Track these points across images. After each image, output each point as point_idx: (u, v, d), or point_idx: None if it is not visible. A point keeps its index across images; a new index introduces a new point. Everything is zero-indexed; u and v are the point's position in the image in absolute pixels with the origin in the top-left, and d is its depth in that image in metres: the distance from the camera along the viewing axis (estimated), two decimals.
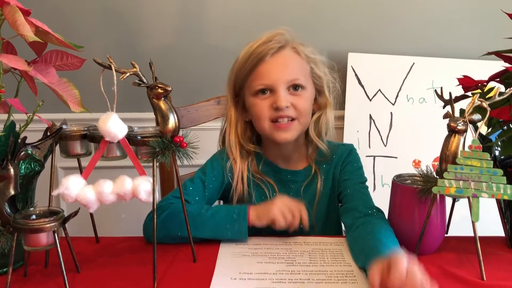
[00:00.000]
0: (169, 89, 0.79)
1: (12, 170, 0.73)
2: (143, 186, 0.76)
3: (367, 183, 1.09)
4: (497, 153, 0.91)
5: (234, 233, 0.92)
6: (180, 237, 0.91)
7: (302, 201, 1.02)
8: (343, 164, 1.11)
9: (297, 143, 1.10)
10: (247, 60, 1.03)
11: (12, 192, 0.73)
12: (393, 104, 1.71)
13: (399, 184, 0.90)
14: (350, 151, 1.13)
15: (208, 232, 0.93)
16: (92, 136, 0.80)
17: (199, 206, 0.98)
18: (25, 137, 0.76)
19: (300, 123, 1.04)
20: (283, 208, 0.93)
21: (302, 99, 1.03)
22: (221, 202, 1.19)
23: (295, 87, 1.02)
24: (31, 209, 0.76)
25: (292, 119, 1.03)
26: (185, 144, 0.80)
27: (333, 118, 1.11)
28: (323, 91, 1.09)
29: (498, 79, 0.90)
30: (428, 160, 1.67)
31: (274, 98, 1.01)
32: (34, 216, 0.74)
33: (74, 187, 0.75)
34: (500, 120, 0.87)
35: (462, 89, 0.93)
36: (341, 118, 1.69)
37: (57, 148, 0.83)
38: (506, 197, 0.80)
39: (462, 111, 0.89)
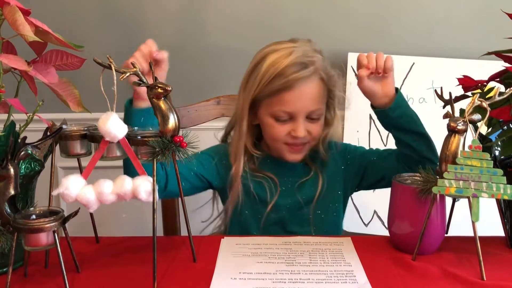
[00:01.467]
0: (169, 89, 0.78)
1: (12, 170, 0.73)
2: (143, 186, 0.76)
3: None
4: (497, 153, 0.91)
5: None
6: None
7: (298, 194, 1.10)
8: (348, 161, 1.14)
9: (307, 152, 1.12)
10: (275, 78, 1.00)
11: (12, 192, 0.73)
12: None
13: (399, 184, 0.90)
14: (346, 147, 1.17)
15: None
16: (92, 136, 0.80)
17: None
18: (25, 137, 0.76)
19: (310, 145, 1.08)
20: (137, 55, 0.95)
21: (318, 125, 1.06)
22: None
23: (314, 114, 1.04)
24: (31, 209, 0.76)
25: (305, 143, 1.06)
26: (185, 144, 0.80)
27: (341, 130, 1.15)
28: (333, 107, 1.10)
29: (498, 79, 0.90)
30: None
31: (292, 126, 1.03)
32: (34, 216, 0.74)
33: (74, 187, 0.75)
34: (500, 120, 0.87)
35: (462, 89, 0.93)
36: (341, 118, 1.69)
37: (57, 148, 0.83)
38: (506, 197, 0.80)
39: (462, 111, 0.89)
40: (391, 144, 1.69)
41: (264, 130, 1.08)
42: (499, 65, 0.88)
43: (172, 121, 0.79)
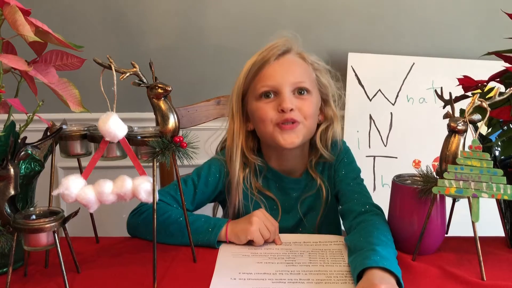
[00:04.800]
0: (169, 89, 0.79)
1: (12, 170, 0.73)
2: (143, 186, 0.76)
3: (365, 182, 1.09)
4: (497, 153, 0.91)
5: (204, 244, 0.92)
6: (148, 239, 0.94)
7: (300, 209, 1.07)
8: (335, 164, 1.09)
9: (302, 152, 1.08)
10: (252, 66, 1.02)
11: (12, 192, 0.73)
12: (393, 104, 1.71)
13: (399, 184, 0.90)
14: (340, 148, 1.10)
15: (181, 239, 0.91)
16: (92, 136, 0.80)
17: (180, 212, 0.95)
18: (25, 137, 0.75)
19: (305, 126, 1.01)
20: (261, 226, 0.92)
21: (308, 102, 1.01)
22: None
23: (300, 90, 1.00)
24: (31, 209, 0.76)
25: (297, 122, 1.00)
26: (185, 144, 0.80)
27: (340, 130, 1.09)
28: (329, 101, 1.07)
29: (498, 79, 0.90)
30: (428, 160, 1.67)
31: (279, 101, 0.99)
32: (34, 216, 0.74)
33: (74, 187, 0.75)
34: (500, 120, 0.87)
35: (462, 89, 0.93)
36: (341, 118, 1.69)
37: (57, 148, 0.83)
38: (506, 197, 0.80)
39: (462, 111, 0.89)
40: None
41: (255, 121, 1.04)
42: (499, 65, 0.88)
43: (172, 121, 0.79)
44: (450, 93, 0.85)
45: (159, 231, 0.80)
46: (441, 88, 0.88)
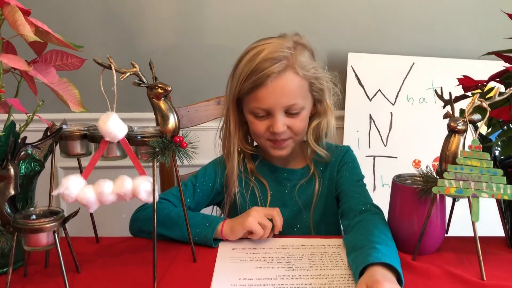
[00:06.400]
0: (169, 89, 0.79)
1: (12, 170, 0.73)
2: (143, 186, 0.76)
3: (365, 181, 1.09)
4: (497, 153, 0.91)
5: (201, 239, 0.92)
6: (149, 233, 0.94)
7: (296, 201, 1.07)
8: (339, 166, 1.11)
9: (296, 147, 1.10)
10: (249, 76, 0.99)
11: (12, 192, 0.73)
12: (393, 104, 1.71)
13: (399, 184, 0.90)
14: (346, 152, 1.13)
15: (179, 232, 0.92)
16: (92, 136, 0.80)
17: (181, 209, 0.95)
18: (25, 137, 0.75)
19: (294, 141, 1.06)
20: (259, 218, 0.92)
21: (299, 120, 1.03)
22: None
23: (293, 110, 1.01)
24: (31, 209, 0.76)
25: (287, 138, 1.04)
26: (185, 144, 0.80)
27: (334, 122, 1.11)
28: (323, 100, 1.08)
29: (498, 79, 0.90)
30: (428, 160, 1.67)
31: (271, 122, 1.01)
32: (34, 216, 0.74)
33: (74, 187, 0.75)
34: (500, 120, 0.87)
35: (462, 89, 0.93)
36: (341, 118, 1.69)
37: (57, 148, 0.83)
38: (506, 197, 0.80)
39: (462, 111, 0.89)
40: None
41: (249, 128, 1.08)
42: (499, 65, 0.88)
43: (172, 121, 0.79)
44: (450, 93, 0.85)
45: (159, 223, 0.80)
46: (441, 88, 0.88)
